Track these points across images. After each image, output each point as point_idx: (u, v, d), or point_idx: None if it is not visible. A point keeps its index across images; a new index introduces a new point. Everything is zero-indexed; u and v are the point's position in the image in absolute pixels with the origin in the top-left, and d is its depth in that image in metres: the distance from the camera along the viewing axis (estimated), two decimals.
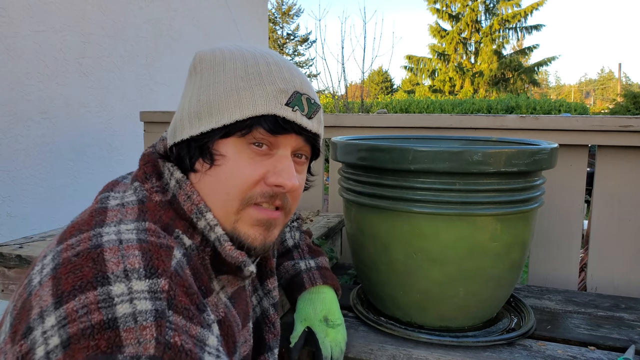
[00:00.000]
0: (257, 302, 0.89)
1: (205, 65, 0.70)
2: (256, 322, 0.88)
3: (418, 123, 1.70)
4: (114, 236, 0.58)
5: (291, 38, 25.58)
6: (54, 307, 0.51)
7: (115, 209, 0.64)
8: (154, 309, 0.53)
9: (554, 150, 1.01)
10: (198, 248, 0.66)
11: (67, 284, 0.53)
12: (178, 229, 0.65)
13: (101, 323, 0.50)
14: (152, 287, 0.54)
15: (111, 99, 2.88)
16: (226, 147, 0.66)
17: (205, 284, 0.65)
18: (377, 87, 24.60)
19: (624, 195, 1.51)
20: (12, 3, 2.25)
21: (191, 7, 3.66)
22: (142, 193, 0.67)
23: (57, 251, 0.57)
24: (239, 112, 0.65)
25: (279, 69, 0.68)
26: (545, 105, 12.22)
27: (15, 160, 2.32)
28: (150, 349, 0.50)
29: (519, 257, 1.03)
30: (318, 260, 1.06)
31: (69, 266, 0.54)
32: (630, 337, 1.05)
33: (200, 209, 0.66)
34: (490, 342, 0.99)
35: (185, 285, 0.58)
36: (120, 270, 0.54)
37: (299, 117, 0.67)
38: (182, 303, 0.56)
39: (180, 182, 0.67)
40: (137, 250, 0.57)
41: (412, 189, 0.96)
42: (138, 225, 0.61)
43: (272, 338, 0.88)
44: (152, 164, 0.71)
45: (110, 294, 0.52)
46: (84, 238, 0.58)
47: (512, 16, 22.18)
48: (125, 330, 0.50)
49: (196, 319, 0.57)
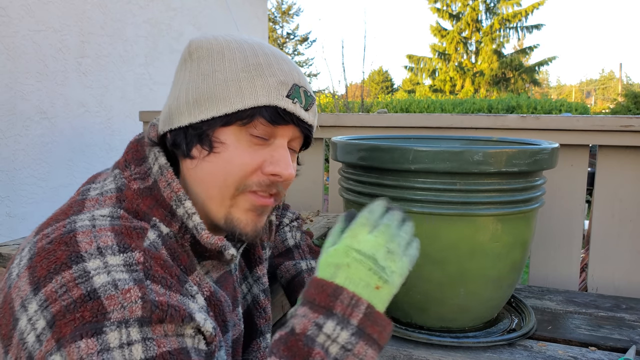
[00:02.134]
0: (248, 290, 0.89)
1: (202, 53, 0.70)
2: (247, 308, 0.88)
3: (418, 123, 1.69)
4: (88, 222, 0.59)
5: (291, 37, 25.59)
6: (33, 294, 0.52)
7: (94, 198, 0.65)
8: (131, 278, 0.53)
9: (555, 150, 1.01)
10: (176, 235, 0.66)
11: (42, 269, 0.54)
12: (155, 217, 0.65)
13: (82, 297, 0.51)
14: (127, 260, 0.55)
15: (110, 99, 2.88)
16: (226, 135, 0.66)
17: (185, 263, 0.66)
18: (378, 86, 24.62)
19: (625, 195, 1.50)
20: (11, 2, 2.25)
21: (191, 7, 3.66)
22: (121, 181, 0.68)
23: (33, 242, 0.59)
24: (241, 101, 0.65)
25: (277, 61, 0.69)
26: (546, 105, 12.22)
27: (15, 160, 2.31)
28: (137, 311, 0.51)
29: (520, 258, 1.02)
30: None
31: (43, 254, 0.55)
32: (631, 338, 1.05)
33: (179, 197, 0.66)
34: (490, 343, 0.98)
35: (161, 258, 0.59)
36: (94, 248, 0.55)
37: (298, 109, 0.69)
38: (159, 273, 0.57)
39: (162, 169, 0.68)
40: (109, 231, 0.58)
41: (412, 189, 0.95)
42: (112, 212, 0.62)
43: (264, 323, 0.89)
44: (135, 149, 0.71)
45: (86, 269, 0.53)
46: (59, 226, 0.59)
47: (513, 15, 22.19)
48: (107, 298, 0.51)
49: (175, 287, 0.58)
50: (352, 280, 0.60)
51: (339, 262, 0.61)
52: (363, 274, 0.61)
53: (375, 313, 0.60)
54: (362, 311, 0.59)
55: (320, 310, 0.58)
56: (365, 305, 0.59)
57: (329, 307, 0.58)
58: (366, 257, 0.61)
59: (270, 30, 23.52)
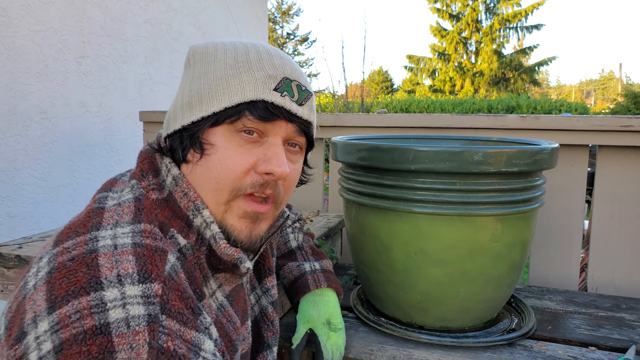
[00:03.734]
0: (256, 301, 0.89)
1: (197, 57, 0.70)
2: (255, 320, 0.88)
3: (418, 123, 1.70)
4: (110, 241, 0.58)
5: (291, 38, 25.58)
6: (47, 312, 0.51)
7: (112, 209, 0.64)
8: (146, 314, 0.52)
9: (555, 150, 1.01)
10: (193, 247, 0.66)
11: (61, 289, 0.52)
12: (173, 228, 0.65)
13: (93, 328, 0.50)
14: (146, 292, 0.54)
15: (111, 99, 2.88)
16: (215, 137, 0.66)
17: (199, 287, 0.65)
18: (377, 86, 24.61)
19: (625, 195, 1.50)
20: (11, 3, 2.25)
21: (191, 7, 3.66)
22: (139, 191, 0.67)
23: (53, 254, 0.57)
24: (228, 98, 0.65)
25: (269, 57, 0.68)
26: (546, 105, 12.22)
27: (15, 160, 2.31)
28: (143, 354, 0.50)
29: (520, 258, 1.03)
30: (322, 263, 1.05)
31: (64, 271, 0.54)
32: (630, 338, 1.05)
33: (197, 206, 0.66)
34: (490, 343, 0.98)
35: (180, 289, 0.58)
36: (114, 276, 0.54)
37: (288, 102, 0.67)
38: (176, 307, 0.56)
39: (176, 179, 0.67)
40: (131, 255, 0.56)
41: (412, 189, 0.95)
42: (134, 228, 0.61)
43: (271, 336, 0.88)
44: (149, 161, 0.71)
45: (103, 299, 0.52)
46: (80, 242, 0.58)
47: (513, 16, 22.18)
48: (118, 336, 0.50)
49: (191, 323, 0.57)
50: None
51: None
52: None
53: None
54: None
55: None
56: None
57: None
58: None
59: (271, 30, 23.50)
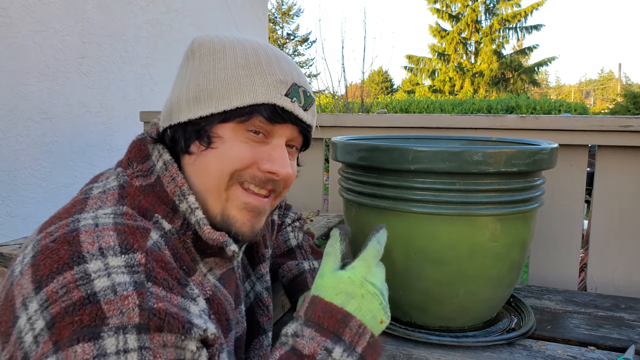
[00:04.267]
0: (251, 287, 0.89)
1: (204, 51, 0.70)
2: (250, 306, 0.89)
3: (418, 123, 1.70)
4: (91, 220, 0.59)
5: (291, 38, 25.58)
6: (35, 293, 0.52)
7: (97, 196, 0.65)
8: (132, 281, 0.53)
9: (554, 150, 1.01)
10: (178, 232, 0.66)
11: (45, 268, 0.54)
12: (158, 213, 0.66)
13: (81, 299, 0.51)
14: (129, 262, 0.55)
15: (111, 99, 2.88)
16: (223, 131, 0.67)
17: (187, 264, 0.66)
18: (377, 87, 24.59)
19: (624, 195, 1.51)
20: (12, 3, 2.25)
21: (191, 8, 3.66)
22: (124, 178, 0.68)
23: (36, 240, 0.58)
24: (240, 99, 0.66)
25: (277, 60, 0.70)
26: (545, 105, 12.22)
27: (16, 160, 2.32)
28: (134, 318, 0.51)
29: (519, 257, 1.03)
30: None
31: (47, 252, 0.55)
32: (630, 337, 1.05)
33: (183, 191, 0.67)
34: (490, 342, 0.99)
35: (164, 260, 0.59)
36: (96, 249, 0.55)
37: (297, 108, 0.69)
38: (161, 274, 0.57)
39: (167, 164, 0.68)
40: (112, 231, 0.58)
41: (412, 189, 0.96)
42: (115, 210, 0.62)
43: (266, 321, 0.89)
44: (137, 148, 0.72)
45: (87, 271, 0.53)
46: (62, 225, 0.59)
47: (512, 16, 22.18)
48: (107, 303, 0.51)
49: (176, 290, 0.58)
50: (362, 310, 0.65)
51: (353, 291, 0.65)
52: (374, 307, 0.65)
53: (376, 342, 0.65)
54: (366, 340, 0.64)
55: (328, 335, 0.62)
56: (369, 335, 0.64)
57: (338, 333, 0.62)
58: (379, 291, 0.67)
59: (271, 30, 23.50)
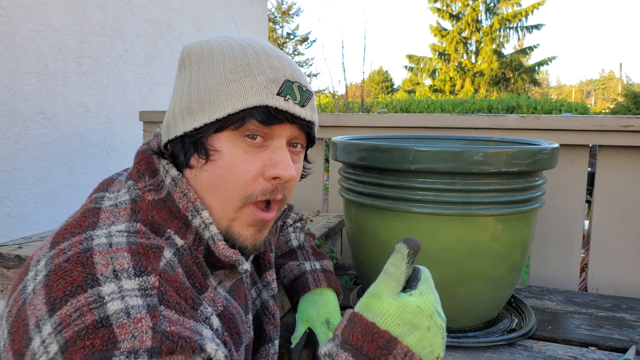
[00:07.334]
0: (257, 295, 0.89)
1: (193, 59, 0.69)
2: (256, 314, 0.88)
3: (418, 123, 1.69)
4: (104, 239, 0.58)
5: (291, 37, 25.58)
6: (49, 315, 0.52)
7: (108, 209, 0.64)
8: (145, 304, 0.52)
9: (555, 150, 1.01)
10: (191, 247, 0.66)
11: (59, 290, 0.53)
12: (170, 229, 0.65)
13: (94, 323, 0.50)
14: (142, 285, 0.54)
15: (110, 99, 2.88)
16: (220, 142, 0.65)
17: (199, 281, 0.65)
18: (378, 86, 24.60)
19: (625, 195, 1.50)
20: (11, 2, 2.25)
21: (191, 7, 3.66)
22: (135, 192, 0.67)
23: (49, 257, 0.57)
24: (231, 105, 0.64)
25: (267, 58, 0.67)
26: (546, 105, 12.22)
27: (14, 160, 2.31)
28: (147, 341, 0.50)
29: (520, 258, 1.02)
30: (323, 262, 1.05)
31: (60, 272, 0.54)
32: (631, 338, 1.05)
33: (197, 207, 0.66)
34: (490, 343, 0.98)
35: (177, 281, 0.58)
36: (110, 271, 0.54)
37: (292, 105, 0.66)
38: (174, 298, 0.56)
39: (176, 180, 0.67)
40: (126, 252, 0.56)
41: (412, 189, 0.95)
42: (129, 227, 0.61)
43: (273, 329, 0.88)
44: (147, 161, 0.70)
45: (101, 294, 0.52)
46: (75, 242, 0.58)
47: (513, 15, 22.18)
48: (119, 326, 0.50)
49: (189, 313, 0.57)
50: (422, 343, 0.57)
51: (420, 322, 0.57)
52: (436, 341, 0.58)
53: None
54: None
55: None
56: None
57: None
58: (445, 324, 0.60)
59: (271, 30, 23.51)
